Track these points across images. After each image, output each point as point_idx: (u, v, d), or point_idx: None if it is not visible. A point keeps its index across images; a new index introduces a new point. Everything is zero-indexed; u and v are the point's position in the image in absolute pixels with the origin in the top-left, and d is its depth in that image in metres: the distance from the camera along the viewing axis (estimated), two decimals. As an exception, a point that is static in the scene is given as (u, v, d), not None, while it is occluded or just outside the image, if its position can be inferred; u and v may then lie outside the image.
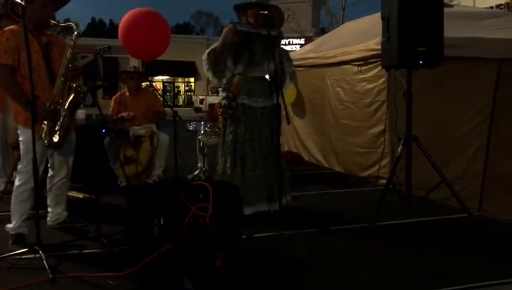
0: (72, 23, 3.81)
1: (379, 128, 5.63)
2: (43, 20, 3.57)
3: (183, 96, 34.85)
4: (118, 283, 2.84)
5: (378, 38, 5.30)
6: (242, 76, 4.17)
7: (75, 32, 3.66)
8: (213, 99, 23.35)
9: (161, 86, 33.61)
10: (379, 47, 5.05)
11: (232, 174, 4.12)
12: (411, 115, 4.21)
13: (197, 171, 6.08)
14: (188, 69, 31.97)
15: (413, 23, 3.97)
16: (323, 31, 25.85)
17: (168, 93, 34.18)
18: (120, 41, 5.80)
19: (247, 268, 3.17)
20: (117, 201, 4.56)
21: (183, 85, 34.98)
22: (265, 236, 3.76)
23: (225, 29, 4.20)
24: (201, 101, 24.80)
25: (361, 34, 6.47)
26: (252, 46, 4.14)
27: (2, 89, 3.66)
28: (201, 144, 6.06)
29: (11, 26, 3.53)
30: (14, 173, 4.93)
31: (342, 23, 14.65)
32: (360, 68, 5.98)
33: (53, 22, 3.68)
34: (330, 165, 6.92)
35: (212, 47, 4.24)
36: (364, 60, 5.87)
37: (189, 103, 32.06)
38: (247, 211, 4.01)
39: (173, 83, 34.31)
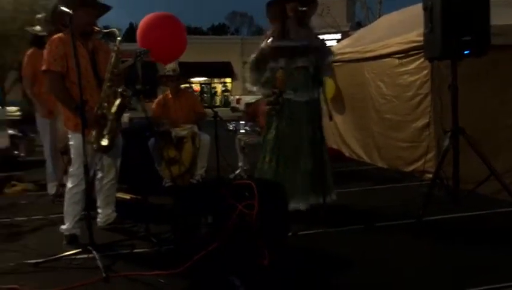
0: (114, 29, 3.91)
1: (423, 121, 5.49)
2: (88, 27, 3.69)
3: (220, 96, 35.14)
4: (169, 281, 2.90)
5: (420, 30, 5.18)
6: (284, 70, 4.15)
7: (118, 38, 3.75)
8: (249, 98, 23.40)
9: (199, 87, 34.00)
10: (420, 39, 4.92)
11: (274, 171, 4.12)
12: (457, 107, 4.08)
13: (238, 171, 6.13)
14: (224, 69, 32.22)
15: (458, 12, 3.84)
16: (359, 25, 25.42)
17: (205, 94, 34.56)
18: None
19: (293, 266, 3.17)
20: (163, 201, 4.66)
21: (219, 86, 35.27)
22: (311, 233, 3.75)
23: (264, 39, 4.19)
24: (238, 101, 24.88)
25: (400, 27, 6.34)
26: (291, 45, 4.13)
27: (53, 95, 3.79)
28: (242, 143, 6.10)
29: (59, 34, 3.66)
30: (64, 177, 5.12)
31: (379, 17, 14.38)
32: (401, 61, 5.86)
33: (97, 28, 3.80)
34: (372, 160, 6.82)
35: (253, 58, 4.26)
36: (405, 53, 5.75)
37: (226, 103, 32.28)
38: (291, 207, 4.00)
39: (210, 84, 34.64)
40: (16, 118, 15.37)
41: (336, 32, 25.81)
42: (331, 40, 26.44)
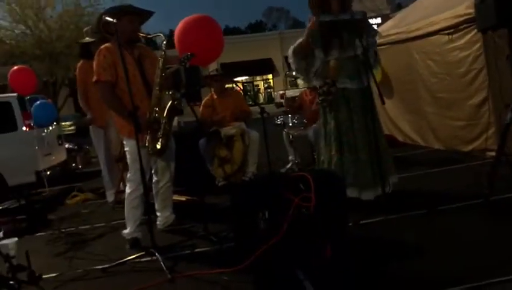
0: (160, 34, 3.95)
1: (480, 97, 5.23)
2: (133, 35, 3.74)
3: (263, 93, 35.17)
4: (233, 278, 2.90)
5: (468, 2, 4.95)
6: (337, 60, 4.07)
7: (164, 42, 3.78)
8: (292, 92, 23.29)
9: (241, 86, 34.21)
10: (470, 11, 4.70)
11: (339, 161, 4.04)
12: (517, 78, 3.85)
13: (289, 164, 6.08)
14: (265, 66, 32.16)
15: (511, -23, 3.61)
16: (399, 7, 24.73)
17: (248, 93, 34.69)
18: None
19: (355, 256, 3.09)
20: (217, 200, 4.69)
21: (262, 83, 35.27)
22: (372, 222, 3.65)
23: (309, 24, 4.12)
24: (282, 96, 24.83)
25: (446, 2, 6.06)
26: (340, 30, 4.04)
27: (105, 104, 3.87)
28: (290, 136, 6.05)
29: (106, 44, 3.73)
30: (121, 184, 5.26)
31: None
32: (450, 36, 5.60)
33: (142, 34, 3.85)
34: (428, 143, 6.57)
35: (297, 42, 4.19)
36: (454, 28, 5.50)
37: (269, 99, 32.26)
38: (363, 196, 3.96)
39: (252, 82, 34.73)
40: (71, 132, 16.04)
41: (376, 17, 25.21)
42: (372, 24, 25.93)
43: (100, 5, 16.96)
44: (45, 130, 7.71)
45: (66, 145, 9.03)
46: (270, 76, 34.07)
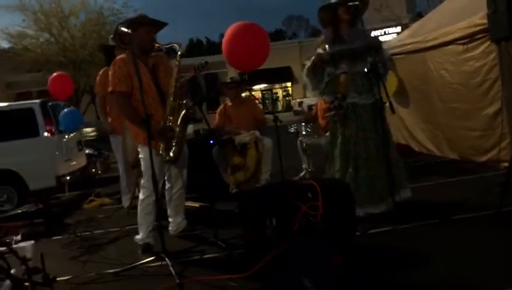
0: (175, 44, 4.03)
1: (495, 107, 5.19)
2: (148, 45, 3.84)
3: (281, 101, 35.23)
4: (240, 284, 2.95)
5: (483, 12, 4.93)
6: (347, 74, 4.09)
7: (179, 53, 3.87)
8: (310, 101, 23.24)
9: (259, 94, 34.32)
10: (485, 21, 4.67)
11: (344, 177, 4.05)
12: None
13: (303, 173, 6.11)
14: (284, 74, 32.26)
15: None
16: (419, 16, 24.55)
17: (266, 101, 34.79)
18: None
19: (362, 265, 3.10)
20: (230, 207, 4.75)
21: (280, 91, 35.36)
22: (382, 231, 3.66)
23: (319, 48, 4.16)
24: (300, 104, 24.86)
25: (462, 11, 6.03)
26: (350, 48, 4.07)
27: (121, 113, 3.98)
28: (304, 145, 6.08)
29: (121, 55, 3.84)
30: (136, 190, 5.37)
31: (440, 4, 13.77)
32: (465, 46, 5.58)
33: (157, 44, 3.94)
34: (443, 153, 6.53)
35: (308, 65, 4.24)
36: (469, 38, 5.47)
37: (288, 107, 32.30)
38: (361, 212, 3.91)
39: (271, 90, 34.84)
40: (92, 138, 16.35)
41: (396, 26, 25.07)
42: (390, 34, 25.79)
43: (122, 14, 17.37)
44: (66, 136, 7.93)
45: (86, 151, 9.22)
46: (289, 84, 34.14)
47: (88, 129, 18.02)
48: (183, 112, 3.84)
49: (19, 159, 6.97)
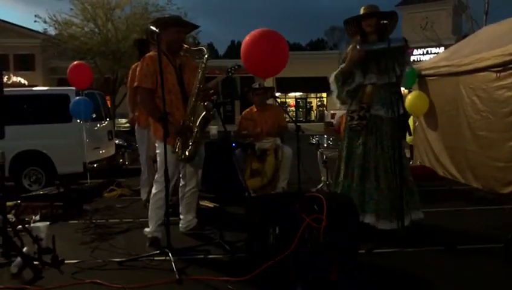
0: (203, 47, 4.14)
1: (521, 140, 5.08)
2: (176, 45, 3.96)
3: (315, 111, 35.09)
4: (237, 288, 3.01)
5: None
6: (374, 85, 4.08)
7: (206, 56, 3.97)
8: (341, 113, 23.03)
9: (294, 102, 34.29)
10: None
11: (360, 187, 4.05)
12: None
13: (321, 185, 6.10)
14: (320, 84, 32.12)
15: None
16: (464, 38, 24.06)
17: (300, 109, 34.74)
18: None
19: (360, 283, 3.11)
20: (243, 211, 4.79)
21: (315, 100, 35.23)
22: (386, 252, 3.65)
23: (349, 50, 4.15)
24: (333, 116, 24.70)
25: (501, 38, 5.93)
26: (378, 56, 4.06)
27: (143, 108, 4.10)
28: (324, 157, 6.08)
29: (150, 53, 3.98)
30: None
31: (485, 28, 13.47)
32: (498, 75, 5.48)
33: (185, 46, 4.06)
34: (467, 180, 6.40)
35: (339, 69, 4.22)
36: (503, 66, 5.38)
37: (321, 117, 32.14)
38: (379, 225, 3.92)
39: (306, 98, 34.77)
40: (125, 129, 16.73)
41: (438, 46, 24.62)
42: (433, 54, 25.36)
43: (166, 11, 17.68)
44: (97, 124, 8.17)
45: (116, 141, 9.47)
46: (324, 94, 33.97)
47: (122, 120, 18.46)
48: (203, 113, 3.93)
49: (50, 143, 7.28)
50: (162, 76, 3.56)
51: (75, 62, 8.11)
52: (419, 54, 27.21)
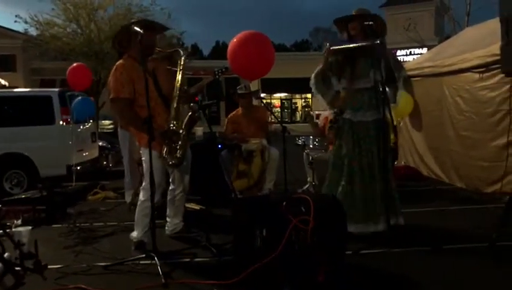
0: (179, 49, 4.07)
1: (504, 139, 5.14)
2: (151, 49, 3.86)
3: (300, 112, 35.20)
4: (223, 291, 2.98)
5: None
6: (347, 90, 4.13)
7: (183, 58, 3.91)
8: (327, 113, 23.15)
9: (279, 102, 34.34)
10: (501, 52, 4.64)
11: (338, 190, 4.07)
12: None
13: (306, 186, 6.11)
14: (305, 85, 32.17)
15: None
16: (447, 40, 24.38)
17: (285, 110, 34.80)
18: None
19: (348, 284, 3.11)
20: (230, 213, 4.76)
21: (300, 101, 35.34)
22: (373, 253, 3.65)
23: (325, 52, 4.19)
24: (318, 116, 24.85)
25: (483, 39, 6.00)
26: (354, 59, 4.09)
27: (123, 120, 3.99)
28: (310, 158, 6.08)
29: (120, 61, 3.84)
30: (139, 187, 5.43)
31: (467, 29, 13.65)
32: (481, 75, 5.55)
33: (158, 49, 3.98)
34: (451, 180, 6.46)
35: (316, 70, 4.28)
36: (485, 67, 5.44)
37: (310, 118, 32.26)
38: (353, 229, 3.90)
39: (291, 99, 34.85)
40: (109, 131, 16.56)
41: (421, 47, 24.92)
42: (415, 54, 25.65)
43: (149, 12, 17.56)
44: (81, 126, 8.07)
45: (100, 143, 9.35)
46: (309, 95, 34.07)
47: (106, 122, 18.28)
48: (188, 115, 3.88)
49: (33, 145, 7.15)
50: (147, 80, 3.50)
51: (75, 64, 8.07)
52: (403, 55, 27.49)
